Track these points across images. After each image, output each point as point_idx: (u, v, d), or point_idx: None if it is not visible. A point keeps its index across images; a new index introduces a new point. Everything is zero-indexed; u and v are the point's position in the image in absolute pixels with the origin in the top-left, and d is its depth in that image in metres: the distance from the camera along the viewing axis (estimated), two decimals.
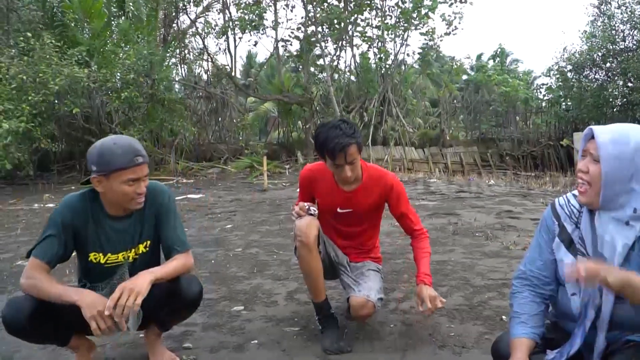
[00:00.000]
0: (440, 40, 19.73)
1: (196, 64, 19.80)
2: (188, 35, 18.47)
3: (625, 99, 18.37)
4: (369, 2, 16.06)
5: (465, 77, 32.63)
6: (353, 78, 18.57)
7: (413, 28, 16.62)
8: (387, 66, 17.20)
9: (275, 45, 17.13)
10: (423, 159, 17.83)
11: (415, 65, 18.75)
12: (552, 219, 1.62)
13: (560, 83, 20.16)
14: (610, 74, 18.69)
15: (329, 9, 15.88)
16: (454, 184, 10.37)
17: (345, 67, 18.56)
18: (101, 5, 13.79)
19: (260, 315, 2.89)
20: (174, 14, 16.78)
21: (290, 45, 17.48)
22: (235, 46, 27.17)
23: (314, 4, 16.14)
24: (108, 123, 13.97)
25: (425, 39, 17.11)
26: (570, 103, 19.71)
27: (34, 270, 1.92)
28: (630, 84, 18.03)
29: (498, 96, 21.10)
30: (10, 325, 1.90)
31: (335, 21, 15.90)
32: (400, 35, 16.96)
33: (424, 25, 16.50)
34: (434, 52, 19.24)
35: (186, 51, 18.57)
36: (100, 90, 12.43)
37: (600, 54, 18.31)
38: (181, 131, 15.29)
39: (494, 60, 31.51)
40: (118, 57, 13.00)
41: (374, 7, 16.34)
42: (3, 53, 11.36)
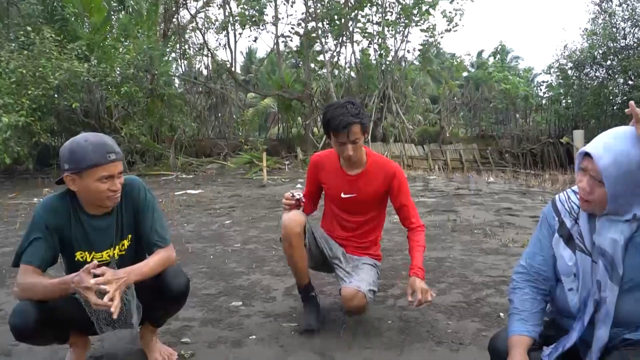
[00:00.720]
0: (441, 37, 19.81)
1: (196, 59, 19.80)
2: (188, 30, 18.45)
3: (625, 97, 18.37)
4: None
5: (465, 74, 32.67)
6: (353, 74, 18.54)
7: (413, 24, 16.62)
8: (388, 62, 17.16)
9: (275, 41, 17.12)
10: (423, 155, 17.82)
11: (416, 61, 18.72)
12: (553, 215, 1.63)
13: (561, 81, 20.18)
14: (610, 71, 18.69)
15: (329, 5, 15.85)
16: (453, 181, 10.37)
17: (345, 63, 18.59)
18: None
19: (258, 311, 2.90)
20: (174, 8, 16.72)
21: (291, 41, 17.47)
22: (235, 42, 27.08)
23: None
24: (107, 118, 13.96)
25: (425, 36, 17.11)
26: (570, 101, 19.72)
27: (27, 276, 1.89)
28: (630, 82, 18.03)
29: (498, 93, 21.10)
30: (20, 333, 1.90)
31: (336, 17, 15.87)
32: (401, 32, 16.94)
33: (424, 21, 16.51)
34: (434, 49, 19.20)
35: (186, 46, 18.54)
36: (99, 84, 12.40)
37: (600, 52, 18.31)
38: (181, 126, 15.28)
39: (494, 58, 31.52)
40: (118, 52, 12.98)
41: (374, 3, 16.28)
42: (3, 47, 11.34)
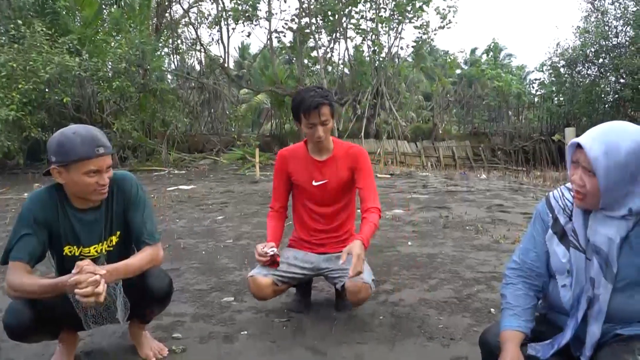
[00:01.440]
0: (434, 34, 19.76)
1: (189, 54, 19.69)
2: (181, 25, 18.35)
3: (617, 95, 18.51)
4: None
5: (458, 72, 32.75)
6: (346, 70, 18.54)
7: (407, 21, 16.65)
8: (381, 59, 17.18)
9: (268, 36, 17.07)
10: (415, 152, 17.87)
11: (409, 58, 18.75)
12: (547, 211, 1.63)
13: (553, 78, 20.26)
14: (602, 70, 18.78)
15: (323, 1, 15.81)
16: (445, 178, 10.40)
17: (338, 60, 18.58)
18: None
19: (250, 306, 2.89)
20: (166, 2, 16.63)
21: (284, 36, 17.44)
22: (228, 37, 26.99)
23: None
24: (99, 113, 13.87)
25: (419, 33, 17.14)
26: (562, 98, 19.81)
27: (18, 274, 1.86)
28: (622, 80, 18.12)
29: (491, 91, 21.16)
30: (14, 332, 1.89)
31: (330, 13, 15.84)
32: (394, 29, 16.96)
33: (418, 18, 16.54)
34: (427, 46, 19.22)
35: (179, 41, 18.47)
36: (91, 79, 12.31)
37: (593, 50, 18.39)
38: (173, 122, 15.20)
39: (487, 55, 31.56)
40: (110, 46, 12.90)
41: (368, 0, 16.29)
42: None
